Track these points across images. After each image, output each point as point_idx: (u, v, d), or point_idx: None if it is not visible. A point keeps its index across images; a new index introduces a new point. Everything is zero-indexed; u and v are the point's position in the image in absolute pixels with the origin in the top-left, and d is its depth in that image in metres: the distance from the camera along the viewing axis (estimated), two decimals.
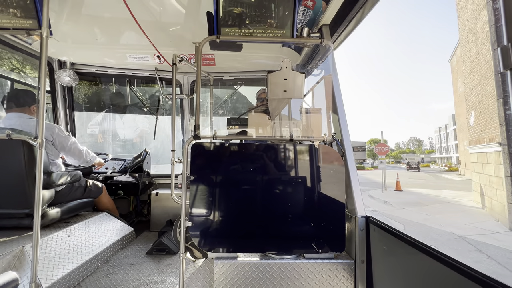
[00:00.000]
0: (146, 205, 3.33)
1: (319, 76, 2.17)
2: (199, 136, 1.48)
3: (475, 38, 11.14)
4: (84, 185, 2.38)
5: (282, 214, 1.49)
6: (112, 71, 3.06)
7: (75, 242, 1.90)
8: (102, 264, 2.05)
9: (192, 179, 1.47)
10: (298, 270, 1.43)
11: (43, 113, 1.43)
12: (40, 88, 1.43)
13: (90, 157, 2.45)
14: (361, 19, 1.66)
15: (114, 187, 3.07)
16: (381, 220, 1.33)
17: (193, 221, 1.46)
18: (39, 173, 1.38)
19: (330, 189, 1.50)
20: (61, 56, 2.78)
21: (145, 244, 2.50)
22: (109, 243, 2.19)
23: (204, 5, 1.92)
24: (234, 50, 2.37)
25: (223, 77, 3.19)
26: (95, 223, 2.24)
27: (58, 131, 2.18)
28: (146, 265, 2.07)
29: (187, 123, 3.31)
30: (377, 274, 1.34)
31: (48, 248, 1.69)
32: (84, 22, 2.18)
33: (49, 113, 3.00)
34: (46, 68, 1.50)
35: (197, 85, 1.58)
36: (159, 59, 2.69)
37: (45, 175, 1.86)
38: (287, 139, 1.56)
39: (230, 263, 1.43)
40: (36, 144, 1.41)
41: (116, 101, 3.40)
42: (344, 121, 1.63)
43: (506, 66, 0.65)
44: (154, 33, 2.24)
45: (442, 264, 0.88)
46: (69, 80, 2.81)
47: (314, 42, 1.72)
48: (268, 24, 1.60)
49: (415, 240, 1.04)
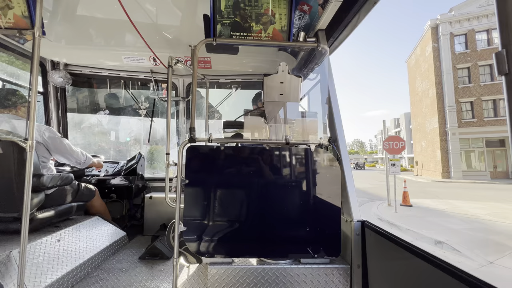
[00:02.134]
0: (140, 208, 3.28)
1: (314, 80, 2.18)
2: (194, 139, 1.47)
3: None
4: (75, 188, 2.33)
5: (278, 219, 1.47)
6: (106, 72, 3.02)
7: (65, 247, 1.85)
8: (93, 269, 2.00)
9: (187, 183, 1.45)
10: (294, 275, 1.41)
11: (34, 114, 1.39)
12: (32, 88, 1.40)
13: (85, 159, 2.40)
14: (357, 24, 1.68)
15: (107, 190, 3.01)
16: (376, 225, 1.33)
17: (187, 225, 1.43)
18: (28, 176, 1.34)
19: (326, 193, 1.50)
20: (55, 56, 2.74)
21: (138, 249, 2.45)
22: (100, 248, 2.14)
23: (200, 8, 1.92)
24: (230, 53, 2.37)
25: (219, 80, 3.18)
26: (86, 227, 2.18)
27: (50, 133, 2.13)
28: (139, 271, 2.02)
29: (182, 126, 3.28)
30: (373, 278, 1.33)
31: (37, 254, 1.63)
32: (79, 23, 2.15)
33: (41, 114, 2.94)
34: (39, 68, 1.47)
35: (193, 88, 1.56)
36: (155, 61, 2.67)
37: (35, 178, 1.81)
38: (283, 143, 1.55)
39: (224, 268, 1.40)
40: (26, 146, 1.37)
41: (110, 103, 3.36)
42: (340, 125, 1.63)
43: (500, 72, 0.65)
44: (150, 35, 2.22)
45: (438, 269, 0.88)
46: (62, 81, 2.77)
47: (310, 46, 1.73)
48: (264, 28, 1.60)
49: (411, 244, 1.03)
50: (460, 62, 23.66)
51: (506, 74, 0.64)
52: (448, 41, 24.01)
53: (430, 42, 25.34)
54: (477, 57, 23.05)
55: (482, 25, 23.17)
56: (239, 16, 1.58)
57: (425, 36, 26.98)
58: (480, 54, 23.00)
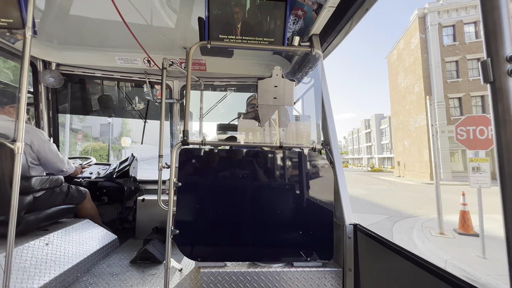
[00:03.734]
0: (132, 211, 3.23)
1: (308, 84, 2.20)
2: (188, 142, 1.46)
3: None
4: (65, 191, 2.28)
5: (271, 222, 1.47)
6: (100, 73, 2.98)
7: (54, 251, 1.81)
8: (83, 274, 1.96)
9: (180, 185, 1.44)
10: (287, 278, 1.41)
11: (23, 115, 1.37)
12: (21, 89, 1.37)
13: (68, 167, 2.36)
14: (350, 30, 1.71)
15: (98, 192, 2.96)
16: (368, 228, 1.34)
17: (179, 228, 1.42)
18: (16, 178, 1.31)
19: (319, 196, 1.51)
20: (46, 56, 2.70)
21: (129, 253, 2.41)
22: (90, 251, 2.10)
23: (196, 11, 1.92)
24: (225, 56, 2.38)
25: (214, 82, 3.18)
26: (76, 230, 2.14)
27: (39, 135, 2.09)
28: (130, 275, 1.99)
29: (176, 128, 3.26)
30: (364, 282, 1.34)
31: (24, 258, 1.59)
32: (71, 23, 2.12)
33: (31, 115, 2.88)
34: (29, 68, 1.44)
35: (187, 90, 1.56)
36: (149, 62, 2.66)
37: (23, 180, 1.77)
38: (276, 146, 1.56)
39: (217, 272, 1.39)
40: (15, 147, 1.34)
41: (103, 104, 3.32)
42: (333, 128, 1.65)
43: (486, 80, 0.67)
44: (144, 36, 2.21)
45: (428, 272, 0.89)
46: (53, 81, 2.72)
47: (304, 51, 1.75)
48: (259, 32, 1.61)
49: (402, 248, 1.05)
50: (449, 55, 22.24)
51: (491, 82, 0.66)
52: (437, 32, 22.54)
53: (417, 33, 23.83)
54: (465, 50, 21.89)
55: (470, 17, 22.29)
56: (234, 19, 1.58)
57: (411, 27, 25.33)
58: (468, 47, 21.90)
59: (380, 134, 60.32)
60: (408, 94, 26.76)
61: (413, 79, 25.24)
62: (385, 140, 56.72)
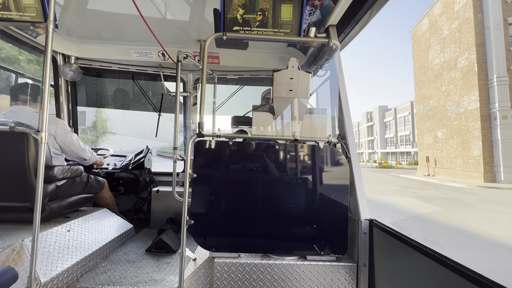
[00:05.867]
0: (146, 202, 3.32)
1: (324, 76, 2.15)
2: (203, 134, 1.47)
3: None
4: (85, 181, 2.37)
5: (284, 215, 1.47)
6: (116, 67, 3.05)
7: (75, 237, 1.89)
8: (101, 260, 2.04)
9: (195, 177, 1.46)
10: (300, 271, 1.41)
11: (46, 107, 1.42)
12: (45, 82, 1.42)
13: (90, 156, 2.44)
14: (369, 20, 1.64)
15: (115, 183, 3.06)
16: (385, 224, 1.31)
17: (194, 219, 1.44)
18: (40, 167, 1.37)
19: (334, 190, 1.49)
20: (66, 50, 2.78)
21: (145, 242, 2.48)
22: (108, 239, 2.18)
23: (209, 3, 1.91)
24: (240, 48, 2.36)
25: (227, 76, 3.18)
26: (95, 218, 2.23)
27: (61, 125, 2.17)
28: (145, 263, 2.06)
29: (189, 121, 3.29)
30: (379, 278, 1.32)
31: (48, 243, 1.67)
32: (89, 17, 2.17)
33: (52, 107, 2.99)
34: (51, 62, 1.50)
35: (202, 83, 1.56)
36: (164, 56, 2.68)
37: (46, 169, 1.85)
38: (291, 139, 1.54)
39: (231, 262, 1.41)
40: (39, 137, 1.40)
41: (118, 97, 3.40)
42: (349, 122, 1.61)
43: None
44: (159, 29, 2.23)
45: (450, 270, 0.86)
46: (73, 75, 2.80)
47: (321, 42, 1.70)
48: (275, 23, 1.58)
49: (421, 244, 1.02)
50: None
51: None
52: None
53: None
54: None
55: None
56: (250, 11, 1.56)
57: None
58: None
59: (384, 127, 57.73)
60: (446, 72, 20.99)
61: (457, 51, 19.52)
62: (389, 134, 54.28)
